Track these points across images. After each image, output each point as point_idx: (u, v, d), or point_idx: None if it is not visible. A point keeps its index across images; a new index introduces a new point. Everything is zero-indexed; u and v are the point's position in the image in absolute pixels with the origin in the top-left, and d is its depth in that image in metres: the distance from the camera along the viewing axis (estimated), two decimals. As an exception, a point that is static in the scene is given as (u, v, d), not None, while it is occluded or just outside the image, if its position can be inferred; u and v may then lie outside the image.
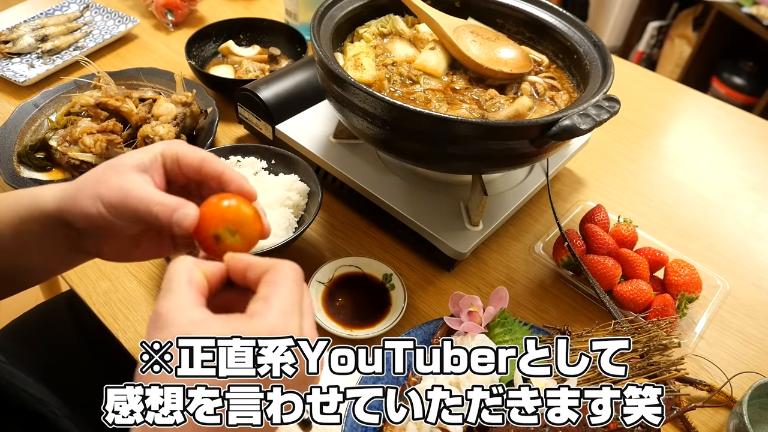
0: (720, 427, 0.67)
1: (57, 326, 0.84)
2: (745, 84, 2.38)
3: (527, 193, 0.85)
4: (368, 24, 0.89)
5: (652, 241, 0.82)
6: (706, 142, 1.13)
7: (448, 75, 0.82)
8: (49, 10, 1.21)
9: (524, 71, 0.81)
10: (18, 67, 1.08)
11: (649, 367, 0.60)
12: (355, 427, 0.60)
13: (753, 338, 0.77)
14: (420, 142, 0.69)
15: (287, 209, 0.76)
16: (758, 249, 0.90)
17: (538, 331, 0.68)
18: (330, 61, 0.70)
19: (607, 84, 0.72)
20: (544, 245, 0.82)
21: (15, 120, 0.92)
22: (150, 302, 0.74)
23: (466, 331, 0.65)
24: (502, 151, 0.67)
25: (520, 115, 0.74)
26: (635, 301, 0.72)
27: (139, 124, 0.89)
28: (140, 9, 1.31)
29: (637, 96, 1.22)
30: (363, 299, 0.75)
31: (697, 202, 0.98)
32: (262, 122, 0.91)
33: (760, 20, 2.19)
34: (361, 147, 0.87)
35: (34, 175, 0.86)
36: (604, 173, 1.01)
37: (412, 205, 0.79)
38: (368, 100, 0.66)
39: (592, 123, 0.63)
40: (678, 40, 2.62)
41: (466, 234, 0.77)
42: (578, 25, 0.84)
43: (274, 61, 1.13)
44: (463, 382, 0.59)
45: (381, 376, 0.65)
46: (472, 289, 0.79)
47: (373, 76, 0.78)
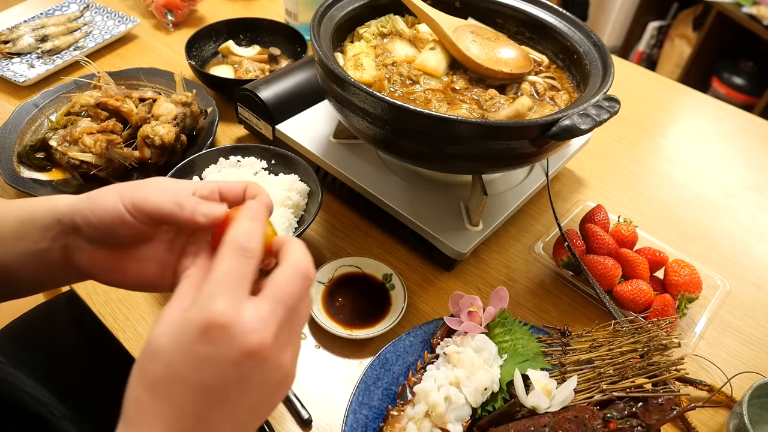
0: (720, 427, 0.67)
1: (56, 327, 0.84)
2: (745, 84, 2.38)
3: (527, 193, 0.85)
4: (368, 24, 0.89)
5: (652, 241, 0.82)
6: (706, 142, 1.13)
7: (448, 75, 0.82)
8: (49, 10, 1.21)
9: (524, 71, 0.81)
10: (18, 67, 1.08)
11: (649, 367, 0.60)
12: (355, 427, 0.60)
13: (753, 338, 0.77)
14: (420, 142, 0.69)
15: (287, 209, 0.76)
16: (758, 249, 0.90)
17: (538, 331, 0.68)
18: (330, 61, 0.70)
19: (607, 84, 0.72)
20: (544, 245, 0.82)
21: (15, 120, 0.92)
22: (150, 302, 0.74)
23: (466, 331, 0.65)
24: (502, 151, 0.67)
25: (520, 115, 0.74)
26: (635, 301, 0.72)
27: (139, 124, 0.89)
28: (140, 9, 1.31)
29: (637, 96, 1.22)
30: (363, 299, 0.75)
31: (697, 202, 0.98)
32: (262, 122, 0.91)
33: (760, 20, 2.19)
34: (361, 147, 0.87)
35: (34, 175, 0.86)
36: (604, 173, 1.01)
37: (412, 205, 0.79)
38: (368, 100, 0.66)
39: (592, 123, 0.63)
40: (678, 40, 2.62)
41: (466, 234, 0.77)
42: (578, 25, 0.84)
43: (274, 61, 1.13)
44: (463, 382, 0.59)
45: (381, 376, 0.65)
46: (472, 289, 0.79)
47: (373, 76, 0.78)
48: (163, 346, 0.33)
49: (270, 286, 0.36)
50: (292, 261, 0.38)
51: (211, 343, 0.33)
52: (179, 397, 0.33)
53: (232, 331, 0.33)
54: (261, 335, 0.33)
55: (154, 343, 0.33)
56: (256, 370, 0.34)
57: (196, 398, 0.33)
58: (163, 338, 0.33)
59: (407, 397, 0.61)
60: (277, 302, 0.35)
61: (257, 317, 0.34)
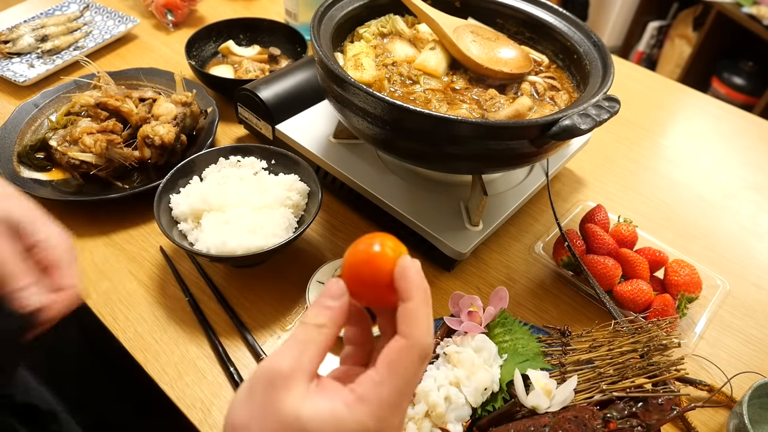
0: (720, 427, 0.67)
1: (56, 326, 0.84)
2: (745, 84, 2.38)
3: (527, 193, 0.85)
4: (368, 24, 0.89)
5: (652, 241, 0.82)
6: (706, 142, 1.13)
7: (448, 75, 0.82)
8: (49, 10, 1.21)
9: (524, 71, 0.81)
10: (18, 67, 1.08)
11: (649, 367, 0.60)
12: (355, 427, 0.60)
13: (753, 338, 0.77)
14: (420, 142, 0.69)
15: (287, 209, 0.76)
16: (758, 249, 0.90)
17: (538, 331, 0.68)
18: (330, 61, 0.70)
19: (607, 84, 0.72)
20: (544, 245, 0.82)
21: (15, 120, 0.92)
22: (150, 302, 0.74)
23: (466, 331, 0.65)
24: (502, 151, 0.67)
25: (520, 115, 0.74)
26: (635, 301, 0.72)
27: (139, 124, 0.89)
28: (140, 9, 1.31)
29: (637, 96, 1.22)
30: (363, 299, 0.74)
31: (697, 202, 0.98)
32: (262, 122, 0.91)
33: (760, 20, 2.19)
34: (361, 147, 0.87)
35: (34, 175, 0.86)
36: (604, 173, 1.01)
37: (412, 205, 0.79)
38: (368, 100, 0.66)
39: (592, 123, 0.63)
40: (678, 40, 2.62)
41: (466, 234, 0.76)
42: (578, 25, 0.84)
43: (274, 61, 1.13)
44: (463, 382, 0.59)
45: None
46: (472, 289, 0.79)
47: (373, 76, 0.78)
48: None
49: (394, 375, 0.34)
50: (416, 339, 0.35)
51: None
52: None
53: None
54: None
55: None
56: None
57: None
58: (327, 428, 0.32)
59: (407, 397, 0.61)
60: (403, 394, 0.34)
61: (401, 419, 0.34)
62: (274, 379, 0.33)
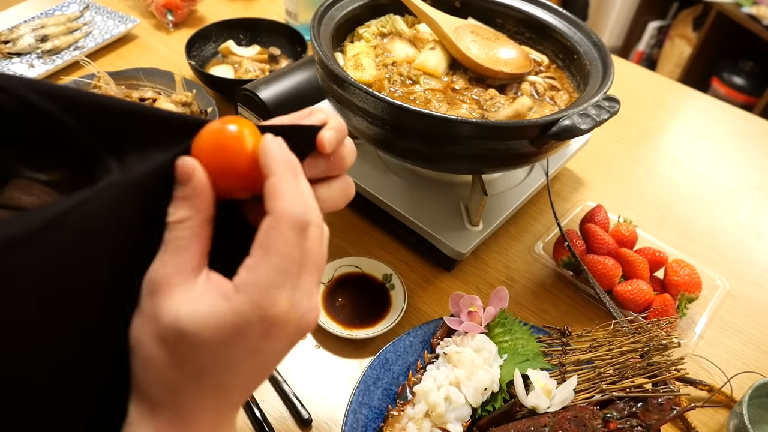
0: (720, 427, 0.67)
1: None
2: (745, 84, 2.38)
3: (527, 193, 0.85)
4: (368, 24, 0.89)
5: (652, 241, 0.82)
6: (706, 142, 1.13)
7: (448, 75, 0.82)
8: (49, 10, 1.21)
9: (524, 71, 0.81)
10: (18, 67, 1.08)
11: (649, 367, 0.60)
12: (355, 427, 0.60)
13: (753, 338, 0.77)
14: (420, 142, 0.69)
15: (287, 209, 0.76)
16: (758, 249, 0.90)
17: (538, 331, 0.68)
18: (330, 61, 0.70)
19: (607, 84, 0.72)
20: (544, 245, 0.82)
21: (15, 120, 0.91)
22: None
23: (466, 331, 0.65)
24: (502, 151, 0.67)
25: (520, 115, 0.74)
26: (635, 301, 0.72)
27: (139, 124, 0.89)
28: (140, 9, 1.31)
29: (637, 96, 1.22)
30: (363, 299, 0.75)
31: (697, 202, 0.98)
32: (262, 122, 0.91)
33: (760, 20, 2.19)
34: (361, 147, 0.86)
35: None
36: (604, 173, 1.01)
37: (412, 205, 0.79)
38: (368, 100, 0.66)
39: (592, 123, 0.63)
40: (678, 40, 2.62)
41: (466, 234, 0.77)
42: (578, 25, 0.84)
43: (274, 61, 1.13)
44: (463, 382, 0.59)
45: (381, 376, 0.65)
46: (472, 289, 0.79)
47: (373, 76, 0.78)
48: (212, 340, 0.30)
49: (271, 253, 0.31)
50: (281, 212, 0.31)
51: (270, 341, 0.32)
52: (228, 385, 0.32)
53: (290, 328, 0.32)
54: (314, 315, 0.33)
55: (197, 335, 0.30)
56: (290, 337, 0.33)
57: (248, 383, 0.33)
58: (209, 332, 0.30)
59: (407, 397, 0.61)
60: (307, 270, 0.32)
61: (310, 305, 0.33)
62: (153, 290, 0.31)
